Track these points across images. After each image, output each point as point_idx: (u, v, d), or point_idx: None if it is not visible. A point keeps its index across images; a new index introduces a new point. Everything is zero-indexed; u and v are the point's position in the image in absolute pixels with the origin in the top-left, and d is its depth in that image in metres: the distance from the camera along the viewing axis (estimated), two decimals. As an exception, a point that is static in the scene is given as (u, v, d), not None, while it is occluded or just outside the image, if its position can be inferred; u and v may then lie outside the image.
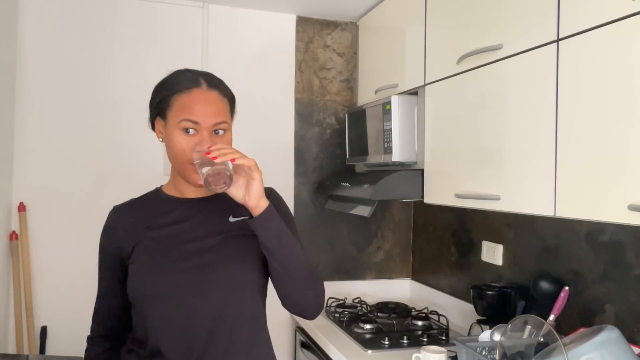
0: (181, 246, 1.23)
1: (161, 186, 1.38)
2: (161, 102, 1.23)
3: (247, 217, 1.19)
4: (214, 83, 1.26)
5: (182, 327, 1.18)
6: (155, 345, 1.19)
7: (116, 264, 1.27)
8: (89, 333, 1.35)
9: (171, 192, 1.33)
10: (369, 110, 2.26)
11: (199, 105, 1.19)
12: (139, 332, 1.24)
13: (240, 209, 1.20)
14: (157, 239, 1.24)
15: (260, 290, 1.27)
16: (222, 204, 1.27)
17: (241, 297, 1.23)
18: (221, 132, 1.21)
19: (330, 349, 1.96)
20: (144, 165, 2.42)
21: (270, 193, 1.33)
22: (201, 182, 1.12)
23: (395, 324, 2.16)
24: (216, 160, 1.09)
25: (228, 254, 1.23)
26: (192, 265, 1.21)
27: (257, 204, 1.15)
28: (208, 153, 1.11)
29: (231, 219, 1.22)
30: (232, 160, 1.11)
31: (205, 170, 1.10)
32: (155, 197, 1.34)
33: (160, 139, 1.26)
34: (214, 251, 1.23)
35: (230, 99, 1.28)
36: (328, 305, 2.42)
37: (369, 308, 2.40)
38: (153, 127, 1.30)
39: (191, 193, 1.30)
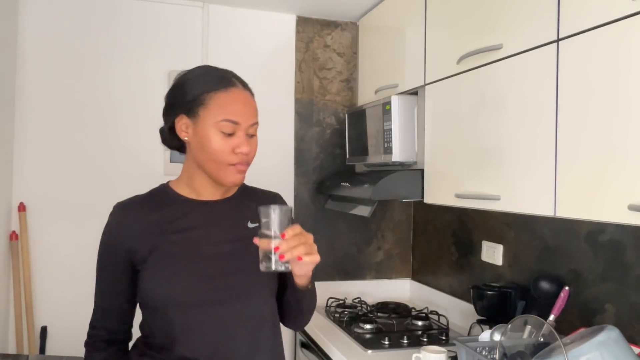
0: (204, 251, 1.21)
1: (168, 183, 1.32)
2: (192, 100, 1.18)
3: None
4: (245, 83, 1.26)
5: (211, 332, 1.18)
6: (181, 352, 1.17)
7: (124, 264, 1.22)
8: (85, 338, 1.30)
9: (184, 192, 1.28)
10: (369, 110, 2.26)
11: (239, 105, 1.18)
12: (158, 337, 1.21)
13: (253, 214, 1.23)
14: (179, 243, 1.20)
15: (274, 294, 1.30)
16: (237, 207, 1.29)
17: (263, 301, 1.26)
18: (254, 132, 1.23)
19: (330, 349, 1.96)
20: (144, 165, 2.42)
21: (275, 200, 1.36)
22: (235, 182, 1.19)
23: (395, 324, 2.16)
24: (283, 260, 1.06)
25: (249, 260, 1.21)
26: (217, 271, 1.20)
27: (307, 281, 1.22)
28: (277, 248, 1.06)
29: (250, 225, 1.26)
30: (299, 258, 1.08)
31: (267, 263, 1.08)
32: (168, 197, 1.28)
33: (185, 138, 1.21)
34: (235, 257, 1.23)
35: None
36: (328, 305, 2.42)
37: (369, 308, 2.40)
38: (170, 125, 1.23)
39: (208, 194, 1.27)
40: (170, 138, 1.27)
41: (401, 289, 2.76)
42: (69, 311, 2.32)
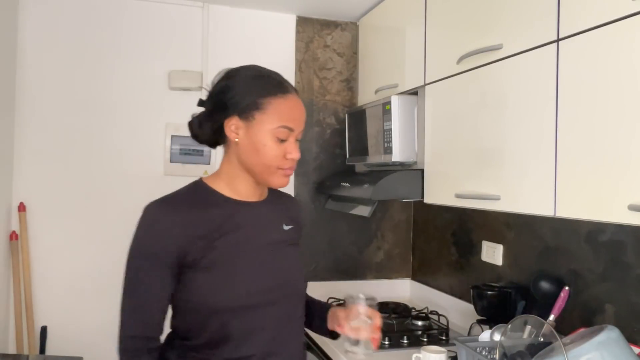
0: (255, 253, 1.22)
1: (204, 181, 1.27)
2: (250, 103, 1.17)
3: (293, 227, 1.33)
4: (295, 88, 1.26)
5: (266, 332, 1.20)
6: (234, 352, 1.17)
7: (170, 268, 1.15)
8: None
9: (225, 191, 1.25)
10: (369, 110, 2.25)
11: (296, 112, 1.20)
12: (203, 338, 1.18)
13: (286, 215, 1.33)
14: (231, 245, 1.19)
15: None
16: (273, 209, 1.31)
17: (302, 300, 1.32)
18: (300, 139, 1.24)
19: (330, 349, 1.96)
20: (144, 165, 2.42)
21: (297, 204, 1.46)
22: (281, 185, 1.25)
23: (395, 324, 2.16)
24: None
25: (291, 262, 1.29)
26: (267, 272, 1.22)
27: None
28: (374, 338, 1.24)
29: (285, 227, 1.30)
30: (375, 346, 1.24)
31: (354, 346, 1.24)
32: (211, 196, 1.23)
33: (236, 139, 1.19)
34: (280, 259, 1.26)
35: None
36: (328, 305, 2.42)
37: (369, 308, 2.40)
38: (219, 126, 1.21)
39: (247, 195, 1.26)
40: (211, 135, 1.25)
41: (401, 289, 2.76)
42: (69, 311, 2.32)
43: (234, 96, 1.18)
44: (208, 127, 1.23)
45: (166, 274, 1.15)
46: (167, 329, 1.25)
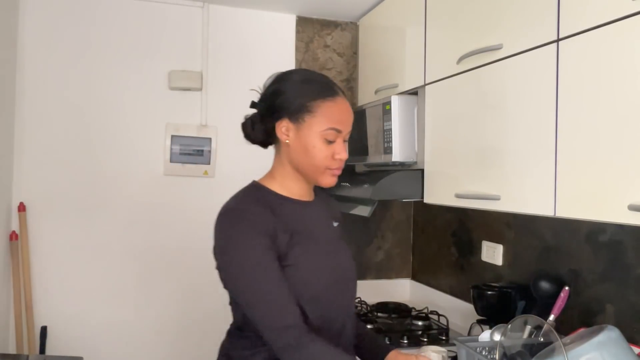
0: (323, 248, 1.28)
1: (259, 183, 1.30)
2: (298, 106, 1.22)
3: (338, 223, 1.39)
4: (343, 90, 1.31)
5: (329, 323, 1.25)
6: None
7: (275, 254, 1.18)
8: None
9: (281, 192, 1.29)
10: (369, 110, 2.25)
11: (344, 115, 1.25)
12: None
13: (332, 213, 1.40)
14: (306, 242, 1.24)
15: None
16: (324, 208, 1.38)
17: (356, 293, 1.39)
18: (347, 139, 1.28)
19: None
20: (144, 166, 2.43)
21: (335, 202, 1.50)
22: (330, 184, 1.27)
23: (395, 324, 2.16)
24: None
25: (347, 256, 1.36)
26: (336, 266, 1.29)
27: None
28: None
29: (334, 224, 1.37)
30: None
31: None
32: (273, 197, 1.27)
33: (287, 141, 1.24)
34: (338, 253, 1.33)
35: None
36: (328, 305, 2.42)
37: (369, 308, 2.40)
38: (270, 127, 1.25)
39: (301, 195, 1.31)
40: (263, 136, 1.30)
41: (401, 289, 2.76)
42: (69, 311, 2.32)
43: (285, 99, 1.24)
44: (260, 129, 1.29)
45: (277, 262, 1.18)
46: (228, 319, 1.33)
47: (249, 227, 1.16)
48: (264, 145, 1.34)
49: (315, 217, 1.32)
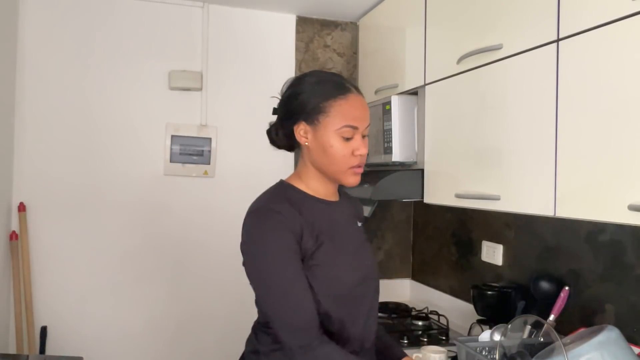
0: (348, 248, 1.29)
1: (288, 183, 1.32)
2: (313, 109, 1.23)
3: (362, 224, 1.41)
4: (356, 86, 1.30)
5: (356, 324, 1.27)
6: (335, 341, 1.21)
7: (299, 254, 1.19)
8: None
9: (310, 192, 1.31)
10: (369, 110, 2.25)
11: (357, 111, 1.24)
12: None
13: (356, 213, 1.42)
14: (332, 241, 1.25)
15: None
16: (347, 208, 1.39)
17: (379, 294, 1.41)
18: (367, 133, 1.28)
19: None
20: (144, 166, 2.42)
21: (359, 203, 1.50)
22: (354, 183, 1.27)
23: (395, 324, 2.16)
24: None
25: (370, 256, 1.37)
26: (361, 265, 1.31)
27: None
28: None
29: (359, 224, 1.39)
30: None
31: None
32: (301, 196, 1.28)
33: (306, 143, 1.26)
34: (363, 253, 1.34)
35: None
36: (328, 305, 2.42)
37: (369, 308, 2.40)
38: (290, 131, 1.28)
39: (327, 195, 1.32)
40: (285, 141, 1.33)
41: (401, 289, 2.75)
42: (69, 311, 2.32)
43: (299, 103, 1.26)
44: (282, 134, 1.32)
45: (300, 265, 1.19)
46: (253, 316, 1.33)
47: (275, 226, 1.18)
48: (290, 149, 1.37)
49: (340, 217, 1.33)
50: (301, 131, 1.26)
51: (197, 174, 2.49)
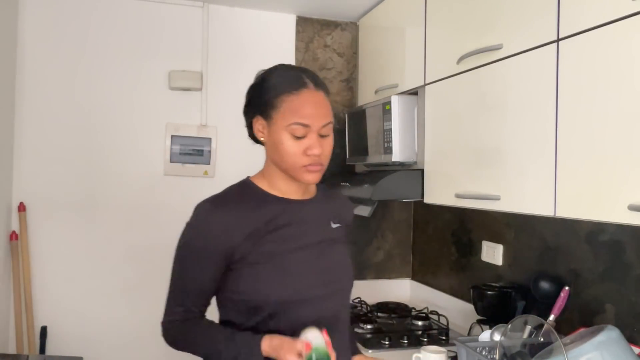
0: (302, 249, 1.24)
1: (250, 179, 1.31)
2: (265, 102, 1.20)
3: (340, 225, 1.34)
4: (319, 82, 1.23)
5: (317, 324, 1.19)
6: None
7: (220, 262, 1.20)
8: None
9: (270, 190, 1.28)
10: (369, 110, 2.25)
11: (309, 108, 1.17)
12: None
13: (334, 213, 1.34)
14: (280, 241, 1.21)
15: None
16: (321, 208, 1.33)
17: (349, 299, 1.34)
18: (327, 133, 1.22)
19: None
20: (144, 166, 2.42)
21: (349, 205, 1.47)
22: (309, 181, 1.22)
23: (395, 324, 2.16)
24: None
25: (339, 259, 1.31)
26: (315, 268, 1.23)
27: None
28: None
29: (333, 225, 1.32)
30: None
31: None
32: (258, 194, 1.27)
33: (262, 138, 1.24)
34: (327, 256, 1.27)
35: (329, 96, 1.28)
36: (328, 305, 2.42)
37: (369, 308, 2.40)
38: (250, 125, 1.27)
39: (290, 193, 1.28)
40: (251, 135, 1.30)
41: (401, 289, 2.75)
42: (69, 311, 2.32)
43: (254, 96, 1.24)
44: (247, 127, 1.29)
45: (210, 268, 1.21)
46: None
47: (198, 235, 1.20)
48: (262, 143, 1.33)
49: (307, 216, 1.28)
50: (259, 126, 1.23)
51: (197, 174, 2.49)
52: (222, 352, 1.17)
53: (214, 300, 1.29)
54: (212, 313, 1.29)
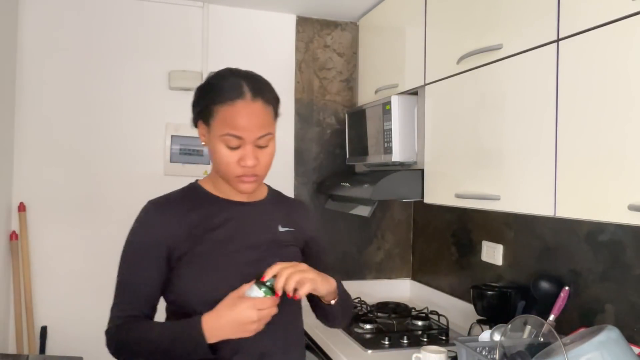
0: (240, 251, 1.23)
1: (197, 182, 1.33)
2: (204, 110, 1.19)
3: (292, 229, 1.31)
4: (259, 90, 1.19)
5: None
6: (214, 352, 1.15)
7: (159, 262, 1.21)
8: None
9: (214, 191, 1.29)
10: (369, 110, 2.25)
11: (242, 119, 1.14)
12: None
13: (284, 217, 1.32)
14: (216, 242, 1.22)
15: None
16: (268, 211, 1.31)
17: (292, 303, 1.25)
18: (265, 144, 1.19)
19: (330, 349, 1.96)
20: (144, 166, 2.42)
21: (308, 211, 1.44)
22: (244, 191, 1.21)
23: (395, 324, 2.16)
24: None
25: (277, 261, 1.25)
26: (249, 271, 1.20)
27: (330, 297, 1.26)
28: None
29: (280, 229, 1.30)
30: (296, 296, 1.14)
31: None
32: (201, 196, 1.28)
33: (203, 143, 1.23)
34: (268, 259, 1.23)
35: (275, 104, 1.24)
36: (328, 305, 2.42)
37: (369, 308, 2.40)
38: (196, 126, 1.26)
39: (235, 195, 1.28)
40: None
41: (401, 289, 2.75)
42: (69, 311, 2.32)
43: (197, 101, 1.23)
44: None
45: (153, 267, 1.22)
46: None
47: (141, 235, 1.24)
48: None
49: (247, 218, 1.27)
50: (202, 130, 1.22)
51: (197, 174, 2.48)
52: (161, 346, 1.16)
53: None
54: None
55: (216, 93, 1.18)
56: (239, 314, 1.09)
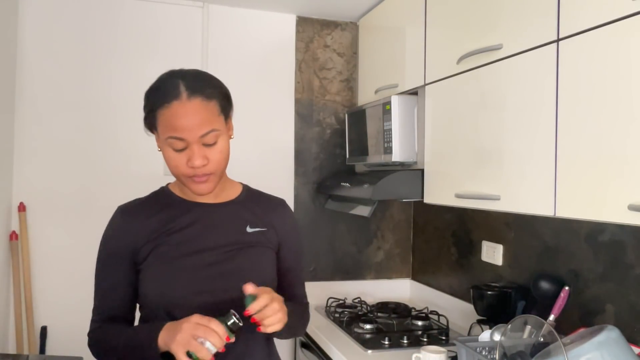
0: (200, 252, 1.22)
1: (168, 185, 1.35)
2: (148, 116, 1.20)
3: (264, 229, 1.29)
4: (196, 88, 1.16)
5: None
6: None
7: (127, 266, 1.24)
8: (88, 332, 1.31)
9: (180, 193, 1.31)
10: (369, 110, 2.25)
11: (180, 120, 1.12)
12: None
13: (256, 218, 1.29)
14: (176, 244, 1.22)
15: None
16: (237, 211, 1.30)
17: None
18: (212, 141, 1.15)
19: (330, 349, 1.96)
20: (143, 166, 2.42)
21: (284, 211, 1.38)
22: (200, 192, 1.19)
23: (395, 324, 2.16)
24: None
25: (246, 265, 1.25)
26: (213, 273, 1.21)
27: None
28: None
29: (249, 230, 1.28)
30: (259, 329, 1.10)
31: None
32: (167, 198, 1.30)
33: (158, 149, 1.22)
34: (232, 260, 1.24)
35: (221, 98, 1.19)
36: (328, 305, 2.42)
37: (369, 308, 2.40)
38: (151, 132, 1.26)
39: (202, 197, 1.28)
40: None
41: (401, 289, 2.76)
42: (69, 311, 2.32)
43: (144, 109, 1.24)
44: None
45: (120, 271, 1.24)
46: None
47: (108, 240, 1.27)
48: None
49: (215, 219, 1.26)
50: (155, 135, 1.21)
51: (197, 174, 2.48)
52: (126, 351, 1.18)
53: None
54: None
55: (156, 97, 1.18)
56: (188, 341, 1.04)
